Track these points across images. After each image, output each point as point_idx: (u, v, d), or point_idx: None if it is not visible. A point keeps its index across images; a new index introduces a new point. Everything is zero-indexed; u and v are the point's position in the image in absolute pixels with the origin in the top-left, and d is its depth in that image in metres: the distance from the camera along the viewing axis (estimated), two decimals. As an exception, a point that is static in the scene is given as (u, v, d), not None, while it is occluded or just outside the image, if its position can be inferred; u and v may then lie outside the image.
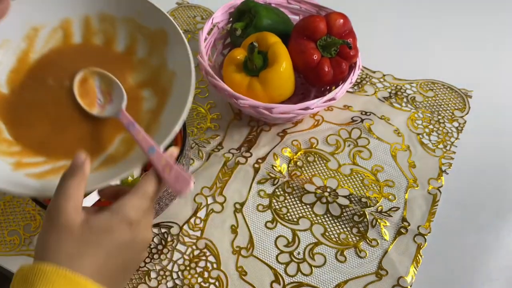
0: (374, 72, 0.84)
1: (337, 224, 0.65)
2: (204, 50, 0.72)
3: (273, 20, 0.74)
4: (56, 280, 0.34)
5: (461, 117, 0.77)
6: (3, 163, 0.49)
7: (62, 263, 0.36)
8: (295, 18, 0.82)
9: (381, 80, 0.83)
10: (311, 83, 0.75)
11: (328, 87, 0.77)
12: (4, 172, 0.48)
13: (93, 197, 0.55)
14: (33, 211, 0.67)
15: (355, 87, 0.81)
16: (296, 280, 0.60)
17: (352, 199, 0.67)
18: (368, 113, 0.77)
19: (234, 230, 0.65)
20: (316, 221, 0.65)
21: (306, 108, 0.66)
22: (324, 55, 0.70)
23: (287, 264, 0.62)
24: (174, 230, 0.65)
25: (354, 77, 0.70)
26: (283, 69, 0.67)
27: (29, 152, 0.51)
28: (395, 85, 0.82)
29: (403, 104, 0.79)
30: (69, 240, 0.38)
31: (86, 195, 0.44)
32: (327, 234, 0.64)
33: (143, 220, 0.42)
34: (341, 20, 0.69)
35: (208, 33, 0.78)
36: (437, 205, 0.66)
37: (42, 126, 0.52)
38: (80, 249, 0.38)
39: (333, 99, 0.68)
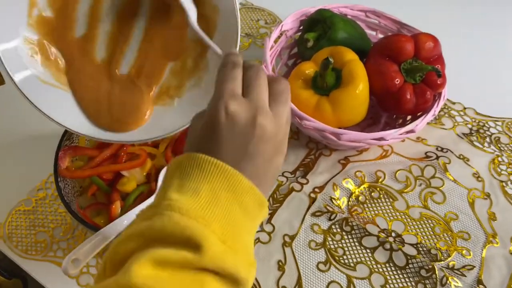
0: (453, 103, 0.74)
1: (401, 276, 0.56)
2: (269, 59, 0.65)
3: (350, 34, 0.66)
4: (208, 169, 0.32)
5: (555, 167, 0.66)
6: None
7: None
8: (371, 34, 0.73)
9: (461, 113, 0.73)
10: (386, 109, 0.66)
11: (402, 115, 0.68)
12: None
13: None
14: (65, 213, 0.62)
15: (432, 118, 0.71)
16: (348, 338, 0.52)
17: (420, 249, 0.58)
18: (444, 150, 0.68)
19: (281, 267, 0.57)
20: (377, 270, 0.57)
21: (380, 139, 0.58)
22: (408, 80, 0.61)
23: (339, 316, 0.54)
24: (215, 257, 0.57)
25: (437, 109, 0.61)
26: (359, 92, 0.59)
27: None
28: (477, 121, 0.72)
29: (486, 144, 0.69)
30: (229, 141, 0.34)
31: None
32: (387, 286, 0.56)
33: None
34: (431, 43, 0.60)
35: (275, 41, 0.71)
36: (521, 270, 0.57)
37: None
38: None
39: (412, 131, 0.59)
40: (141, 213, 0.32)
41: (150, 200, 0.52)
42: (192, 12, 0.44)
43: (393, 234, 0.60)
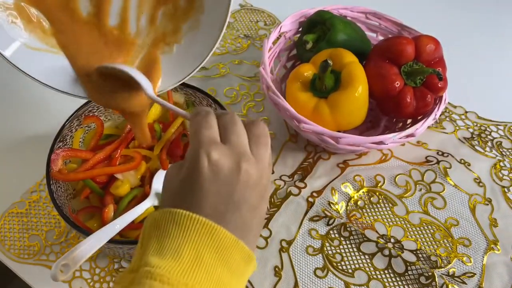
0: (455, 107, 0.73)
1: (400, 283, 0.55)
2: (267, 61, 0.64)
3: (349, 36, 0.65)
4: (188, 226, 0.30)
5: (557, 173, 0.65)
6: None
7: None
8: (372, 36, 0.72)
9: (463, 117, 0.72)
10: (386, 112, 0.65)
11: (402, 119, 0.67)
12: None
13: None
14: (59, 216, 0.61)
15: (432, 122, 0.70)
16: None
17: (420, 256, 0.57)
18: (445, 154, 0.67)
19: (277, 272, 0.56)
20: (375, 276, 0.56)
21: (380, 143, 0.57)
22: (408, 84, 0.60)
23: (336, 324, 0.52)
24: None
25: (438, 112, 0.60)
26: (358, 94, 0.58)
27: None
28: (478, 125, 0.71)
29: (487, 149, 0.68)
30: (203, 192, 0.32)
31: None
32: (386, 294, 0.54)
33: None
34: (432, 46, 0.59)
35: (273, 43, 0.69)
36: (523, 278, 0.55)
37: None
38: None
39: (412, 135, 0.58)
40: (120, 279, 0.30)
41: (143, 205, 0.51)
42: (146, 83, 0.42)
43: (392, 240, 0.58)
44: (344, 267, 0.56)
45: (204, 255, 0.29)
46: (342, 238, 0.59)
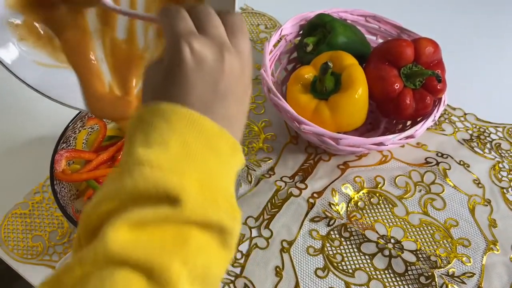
0: (454, 109, 0.74)
1: (400, 283, 0.56)
2: (268, 64, 0.65)
3: (350, 39, 0.66)
4: (173, 118, 0.29)
5: (556, 174, 0.66)
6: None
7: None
8: (371, 39, 0.73)
9: (462, 119, 0.72)
10: (385, 114, 0.66)
11: (401, 121, 0.67)
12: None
13: None
14: (62, 217, 0.61)
15: (432, 124, 0.71)
16: None
17: (420, 256, 0.58)
18: (444, 156, 0.67)
19: (278, 272, 0.56)
20: (375, 276, 0.56)
21: (379, 144, 0.57)
22: (407, 86, 0.60)
23: (337, 323, 0.53)
24: (212, 262, 0.57)
25: (437, 114, 0.61)
26: (358, 96, 0.58)
27: None
28: (477, 127, 0.71)
29: (486, 151, 0.68)
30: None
31: None
32: (386, 293, 0.55)
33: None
34: (431, 48, 0.60)
35: (274, 45, 0.70)
36: (522, 278, 0.56)
37: None
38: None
39: (411, 136, 0.59)
40: (110, 174, 0.29)
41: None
42: None
43: (392, 241, 0.59)
44: (345, 267, 0.57)
45: (192, 144, 0.28)
46: (342, 239, 0.59)
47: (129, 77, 0.48)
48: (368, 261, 0.57)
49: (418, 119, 0.64)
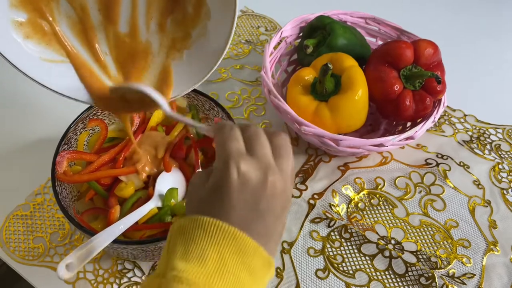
0: (454, 110, 0.74)
1: (400, 284, 0.56)
2: (268, 66, 0.65)
3: (349, 41, 0.66)
4: (214, 233, 0.31)
5: (556, 175, 0.66)
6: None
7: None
8: (371, 41, 0.73)
9: (462, 120, 0.73)
10: (385, 115, 0.66)
11: (401, 122, 0.68)
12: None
13: None
14: (63, 218, 0.62)
15: (432, 125, 0.71)
16: None
17: (420, 257, 0.58)
18: (444, 157, 0.68)
19: (279, 274, 0.57)
20: (376, 277, 0.56)
21: (380, 145, 0.58)
22: (407, 87, 0.61)
23: (337, 324, 0.53)
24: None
25: (437, 115, 0.61)
26: (358, 98, 0.59)
27: None
28: (477, 128, 0.72)
29: (486, 152, 0.69)
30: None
31: None
32: (387, 294, 0.55)
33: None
34: (431, 50, 0.60)
35: (274, 47, 0.71)
36: (523, 279, 0.56)
37: None
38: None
39: (411, 138, 0.59)
40: (146, 284, 0.31)
41: (147, 206, 0.52)
42: (162, 101, 0.43)
43: (392, 242, 0.59)
44: (345, 268, 0.57)
45: (228, 260, 0.30)
46: (343, 240, 0.59)
47: (133, 70, 0.49)
48: (369, 262, 0.57)
49: (418, 121, 0.64)
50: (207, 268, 0.29)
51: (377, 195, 0.63)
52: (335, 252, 0.58)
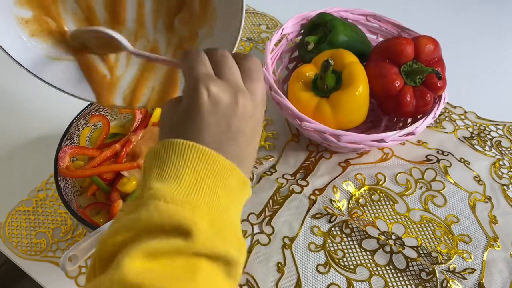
0: (454, 107, 0.74)
1: (401, 279, 0.56)
2: (269, 62, 0.65)
3: (350, 38, 0.67)
4: (188, 154, 0.31)
5: (556, 171, 0.66)
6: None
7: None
8: (372, 38, 0.74)
9: (462, 117, 0.73)
10: (386, 111, 0.66)
11: (402, 118, 0.68)
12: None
13: None
14: (66, 214, 0.62)
15: (432, 122, 0.71)
16: None
17: (421, 252, 0.58)
18: (445, 153, 0.68)
19: (280, 268, 0.57)
20: (377, 272, 0.56)
21: (380, 141, 0.58)
22: (408, 83, 0.61)
23: (338, 318, 0.53)
24: (214, 258, 0.57)
25: (438, 111, 0.61)
26: (359, 93, 0.59)
27: None
28: (478, 125, 0.72)
29: (486, 148, 0.69)
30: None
31: None
32: (388, 289, 0.55)
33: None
34: (431, 46, 0.60)
35: (275, 44, 0.71)
36: (523, 273, 0.56)
37: None
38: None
39: (411, 133, 0.59)
40: (125, 206, 0.31)
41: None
42: (124, 41, 0.43)
43: (393, 237, 0.59)
44: (346, 263, 0.57)
45: (204, 179, 0.30)
46: (343, 235, 0.59)
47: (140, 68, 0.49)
48: (370, 257, 0.58)
49: (419, 117, 0.64)
50: (183, 186, 0.29)
51: (378, 191, 0.64)
52: (336, 247, 0.58)
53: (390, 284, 0.56)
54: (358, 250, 0.58)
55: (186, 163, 0.31)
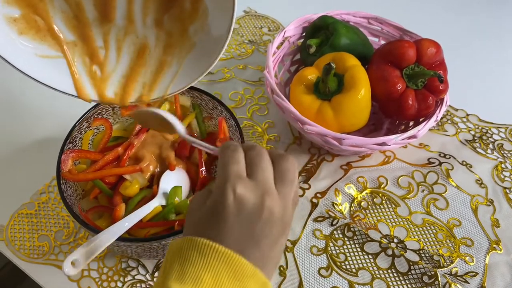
0: (456, 110, 0.74)
1: (403, 282, 0.56)
2: (271, 65, 0.65)
3: (352, 41, 0.67)
4: (209, 254, 0.31)
5: (558, 174, 0.66)
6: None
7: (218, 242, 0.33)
8: (374, 40, 0.74)
9: (464, 120, 0.73)
10: (388, 114, 0.66)
11: (404, 121, 0.68)
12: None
13: None
14: (68, 217, 0.62)
15: (434, 125, 0.71)
16: None
17: (423, 255, 0.58)
18: (447, 156, 0.68)
19: (282, 272, 0.57)
20: (379, 276, 0.56)
21: (382, 144, 0.58)
22: (410, 86, 0.61)
23: (340, 322, 0.53)
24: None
25: (440, 114, 0.61)
26: (361, 97, 0.59)
27: None
28: (480, 128, 0.72)
29: (489, 151, 0.69)
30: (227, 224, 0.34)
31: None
32: (390, 292, 0.55)
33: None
34: (433, 49, 0.60)
35: (277, 47, 0.71)
36: (525, 277, 0.56)
37: None
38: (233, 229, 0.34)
39: (414, 137, 0.59)
40: None
41: (151, 204, 0.52)
42: (179, 125, 0.44)
43: (395, 240, 0.59)
44: (348, 267, 0.57)
45: (223, 281, 0.30)
46: (346, 238, 0.59)
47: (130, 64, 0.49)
48: (372, 260, 0.58)
49: (421, 120, 0.64)
50: None
51: (380, 194, 0.64)
52: (338, 251, 0.58)
53: (392, 287, 0.56)
54: (360, 253, 0.58)
55: (207, 264, 0.31)
